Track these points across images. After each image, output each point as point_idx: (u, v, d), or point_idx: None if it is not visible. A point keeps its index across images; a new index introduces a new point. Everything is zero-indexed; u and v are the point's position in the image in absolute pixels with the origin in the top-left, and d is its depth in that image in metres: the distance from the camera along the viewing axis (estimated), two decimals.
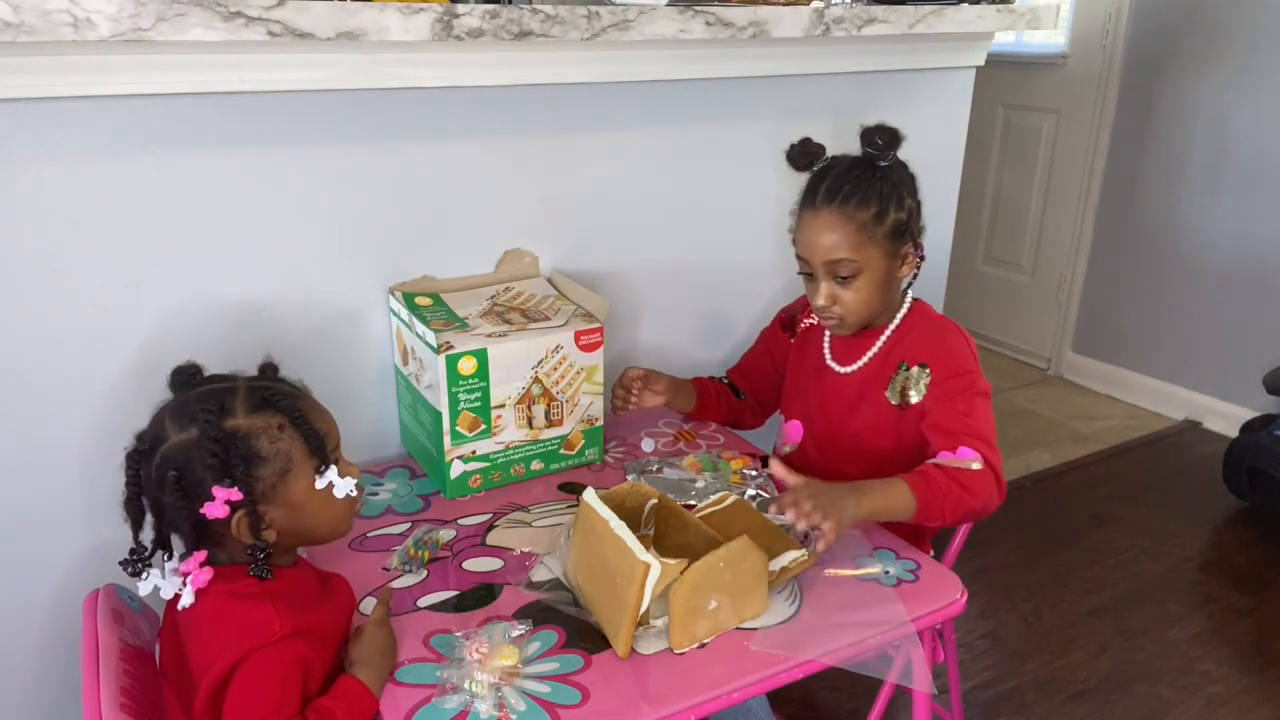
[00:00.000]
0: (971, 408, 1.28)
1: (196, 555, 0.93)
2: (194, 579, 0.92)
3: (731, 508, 1.21)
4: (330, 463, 0.97)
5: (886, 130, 1.30)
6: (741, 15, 1.46)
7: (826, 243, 1.29)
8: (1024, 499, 2.54)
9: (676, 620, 1.02)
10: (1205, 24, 2.77)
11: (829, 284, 1.31)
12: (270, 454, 0.94)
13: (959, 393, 1.30)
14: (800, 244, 1.33)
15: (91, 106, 1.16)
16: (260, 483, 0.94)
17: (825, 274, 1.31)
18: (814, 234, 1.30)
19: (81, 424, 1.26)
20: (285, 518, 0.96)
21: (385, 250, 1.43)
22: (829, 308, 1.33)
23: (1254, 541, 2.34)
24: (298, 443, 0.95)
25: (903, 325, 1.38)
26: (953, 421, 1.27)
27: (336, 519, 1.02)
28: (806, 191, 1.34)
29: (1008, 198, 3.41)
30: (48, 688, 1.33)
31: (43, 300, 1.20)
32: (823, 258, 1.30)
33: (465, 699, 0.94)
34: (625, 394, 1.49)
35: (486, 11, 1.25)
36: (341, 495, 0.98)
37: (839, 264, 1.29)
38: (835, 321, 1.35)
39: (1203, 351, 2.93)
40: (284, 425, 0.95)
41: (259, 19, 1.11)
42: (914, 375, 1.34)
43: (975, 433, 1.26)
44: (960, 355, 1.33)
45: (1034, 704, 1.80)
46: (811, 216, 1.31)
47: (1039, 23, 1.81)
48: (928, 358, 1.34)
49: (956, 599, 1.14)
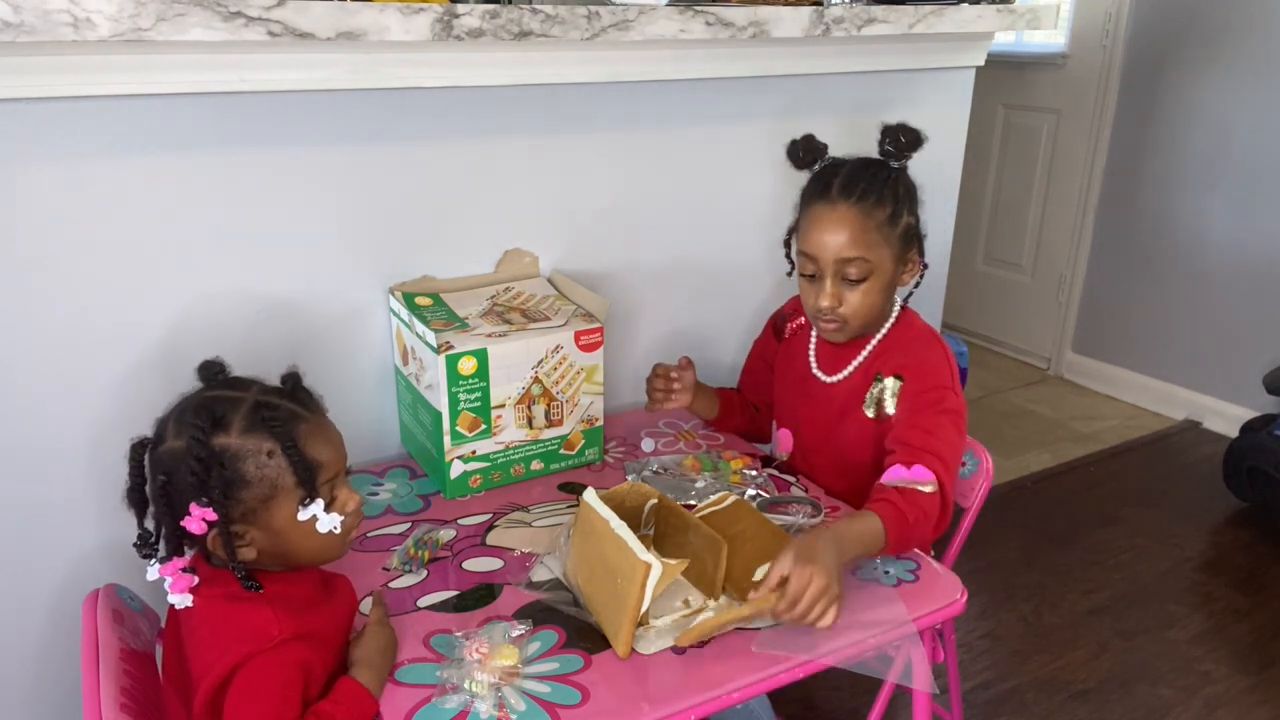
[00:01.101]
0: (937, 425, 1.24)
1: (176, 561, 0.92)
2: (174, 584, 0.91)
3: (731, 508, 1.21)
4: (315, 496, 0.94)
5: (910, 130, 1.27)
6: (741, 15, 1.46)
7: (840, 240, 1.24)
8: (1024, 499, 2.54)
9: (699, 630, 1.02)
10: (1205, 24, 2.77)
11: (836, 284, 1.26)
12: (255, 479, 0.92)
13: (927, 407, 1.26)
14: (808, 241, 1.27)
15: (91, 106, 1.16)
16: (240, 505, 0.92)
17: (834, 273, 1.26)
18: (827, 230, 1.25)
19: (82, 424, 1.26)
20: (266, 540, 0.94)
21: (385, 250, 1.43)
22: (833, 310, 1.27)
23: (1254, 541, 2.34)
24: (286, 472, 0.92)
25: (889, 335, 1.35)
26: (914, 437, 1.23)
27: (319, 549, 0.98)
28: (816, 186, 1.29)
29: (1008, 198, 3.41)
30: (48, 688, 1.33)
31: (42, 300, 1.20)
32: (834, 255, 1.24)
33: (465, 699, 0.94)
34: (667, 384, 1.44)
35: (486, 11, 1.25)
36: (324, 531, 0.95)
37: (851, 263, 1.24)
38: (835, 326, 1.30)
39: (1203, 351, 2.93)
40: (274, 451, 0.92)
41: (259, 19, 1.11)
42: (889, 386, 1.31)
43: (935, 451, 1.21)
44: (935, 369, 1.29)
45: (1034, 704, 1.80)
46: (825, 210, 1.25)
47: (1039, 23, 1.81)
48: (903, 368, 1.31)
49: (956, 599, 1.14)
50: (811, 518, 1.29)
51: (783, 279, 1.59)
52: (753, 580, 1.09)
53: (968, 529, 1.42)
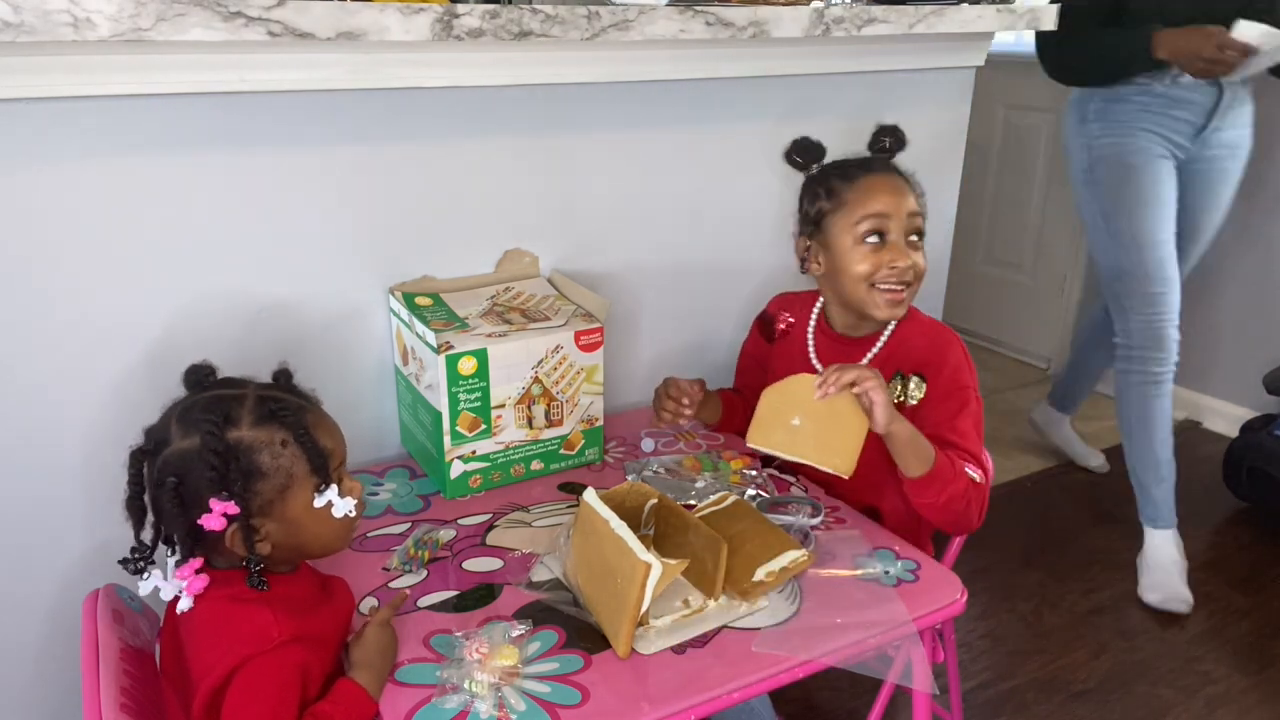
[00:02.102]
0: (968, 428, 1.28)
1: (192, 562, 0.93)
2: (189, 586, 0.92)
3: (731, 508, 1.21)
4: (330, 482, 0.96)
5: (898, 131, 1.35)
6: (741, 15, 1.46)
7: (907, 197, 1.29)
8: (1024, 499, 2.54)
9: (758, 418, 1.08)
10: None
11: (905, 245, 1.28)
12: (271, 469, 0.93)
13: (959, 410, 1.29)
14: (873, 202, 1.28)
15: (91, 106, 1.16)
16: (258, 497, 0.93)
17: (905, 231, 1.28)
18: (890, 191, 1.28)
19: (82, 424, 1.26)
20: (281, 532, 0.96)
21: (385, 250, 1.43)
22: (910, 268, 1.28)
23: (1254, 541, 2.34)
24: (300, 459, 0.94)
25: (898, 331, 1.36)
26: (950, 439, 1.27)
27: (333, 536, 1.00)
28: (852, 166, 1.33)
29: (1008, 198, 3.41)
30: (48, 688, 1.33)
31: (42, 300, 1.20)
32: (907, 209, 1.28)
33: (465, 699, 0.94)
34: (677, 406, 1.42)
35: (486, 11, 1.25)
36: (339, 515, 0.97)
37: (918, 217, 1.29)
38: (903, 291, 1.29)
39: (1203, 351, 2.93)
40: (287, 441, 0.94)
41: (259, 19, 1.11)
42: (912, 387, 1.32)
43: (973, 455, 1.27)
44: (958, 369, 1.32)
45: (1034, 704, 1.80)
46: (880, 178, 1.30)
47: (1039, 23, 1.81)
48: (925, 367, 1.32)
49: (956, 599, 1.14)
50: (811, 518, 1.29)
51: (784, 279, 1.59)
52: (753, 580, 1.09)
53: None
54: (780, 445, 1.11)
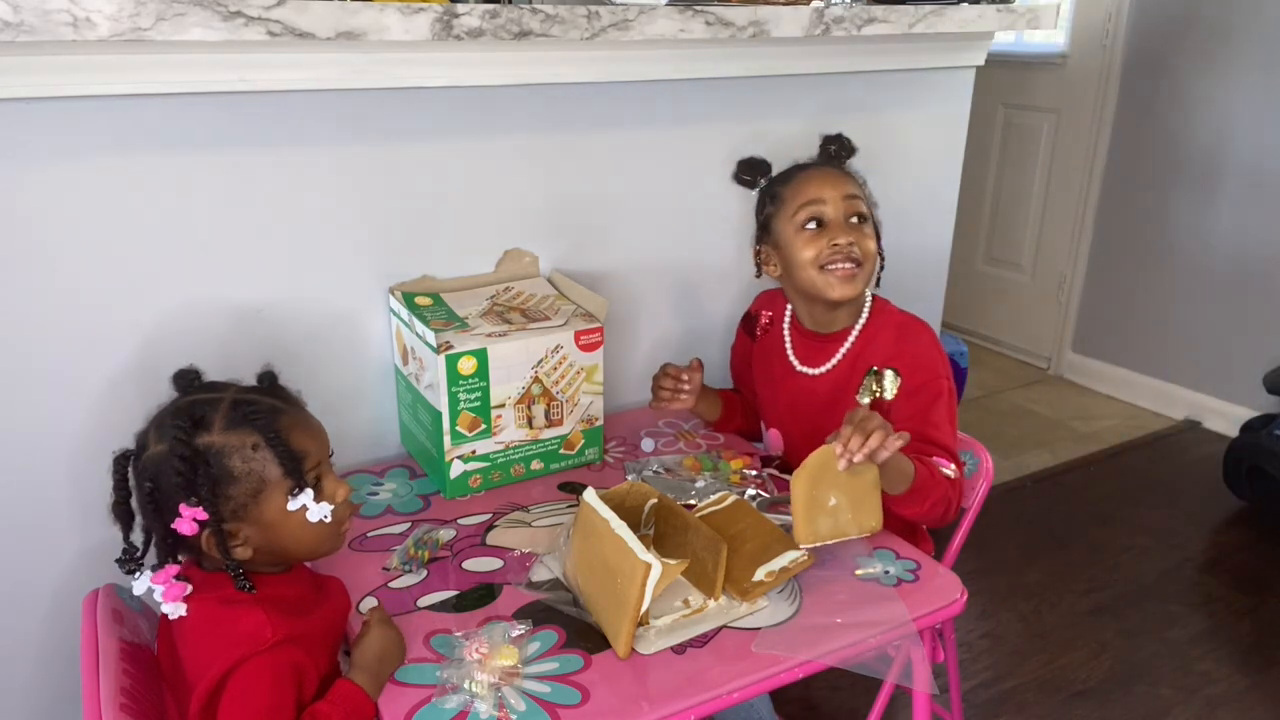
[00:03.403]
0: (942, 419, 1.30)
1: (169, 569, 0.92)
2: (166, 592, 0.91)
3: (731, 508, 1.21)
4: (305, 485, 0.94)
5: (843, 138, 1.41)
6: (741, 15, 1.46)
7: (843, 183, 1.34)
8: (1024, 499, 2.54)
9: (800, 513, 1.08)
10: (1205, 23, 2.77)
11: (845, 226, 1.32)
12: (242, 473, 0.92)
13: (932, 402, 1.30)
14: (808, 191, 1.34)
15: (91, 106, 1.16)
16: (230, 502, 0.92)
17: (844, 214, 1.32)
18: (828, 180, 1.34)
19: (80, 424, 1.26)
20: (260, 536, 0.95)
21: (385, 250, 1.42)
22: (851, 245, 1.31)
23: (1254, 541, 2.34)
24: (271, 463, 0.93)
25: (870, 325, 1.38)
26: (925, 432, 1.28)
27: (316, 540, 0.99)
28: (790, 169, 1.39)
29: (1008, 198, 3.41)
30: (47, 688, 1.33)
31: (41, 300, 1.20)
32: (842, 193, 1.32)
33: (465, 699, 0.94)
34: (675, 385, 1.46)
35: (486, 11, 1.25)
36: (314, 520, 0.95)
37: (856, 200, 1.33)
38: (851, 268, 1.31)
39: (1203, 351, 2.93)
40: (259, 444, 0.92)
41: (259, 19, 1.11)
42: (888, 383, 1.34)
43: (945, 446, 1.28)
44: (929, 358, 1.34)
45: (1034, 704, 1.80)
46: (814, 170, 1.36)
47: (1039, 23, 1.81)
48: (896, 359, 1.34)
49: (956, 599, 1.14)
50: None
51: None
52: (753, 580, 1.09)
53: (968, 529, 1.42)
54: (830, 533, 1.12)
